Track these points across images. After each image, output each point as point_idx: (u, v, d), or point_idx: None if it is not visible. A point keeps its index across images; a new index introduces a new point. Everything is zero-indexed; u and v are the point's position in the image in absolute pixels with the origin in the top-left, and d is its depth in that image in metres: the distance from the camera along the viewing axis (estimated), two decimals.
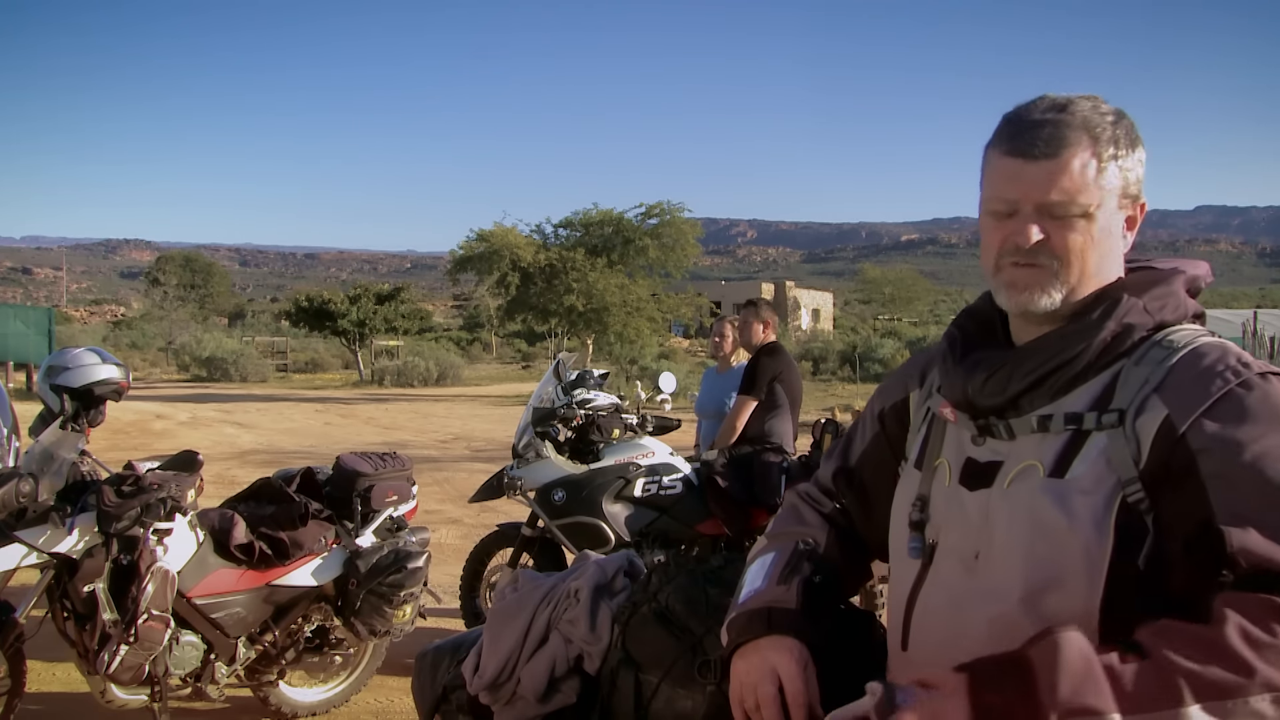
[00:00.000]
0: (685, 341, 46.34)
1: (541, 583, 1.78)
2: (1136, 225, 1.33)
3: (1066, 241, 1.27)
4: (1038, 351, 1.29)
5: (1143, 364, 1.24)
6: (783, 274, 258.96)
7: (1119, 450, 1.20)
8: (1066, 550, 1.20)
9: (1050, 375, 1.27)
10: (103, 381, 3.38)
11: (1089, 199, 1.26)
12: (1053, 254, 1.28)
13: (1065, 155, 1.25)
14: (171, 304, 55.56)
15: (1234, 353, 1.22)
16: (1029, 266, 1.29)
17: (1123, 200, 1.29)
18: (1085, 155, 1.26)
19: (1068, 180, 1.26)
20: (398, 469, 4.19)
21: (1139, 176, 1.30)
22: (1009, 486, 1.27)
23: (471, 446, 14.12)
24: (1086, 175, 1.26)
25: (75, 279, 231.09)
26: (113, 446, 12.49)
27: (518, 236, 27.04)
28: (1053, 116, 1.27)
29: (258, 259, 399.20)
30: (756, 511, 4.73)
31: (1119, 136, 1.27)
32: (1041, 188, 1.26)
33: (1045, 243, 1.27)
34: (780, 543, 1.53)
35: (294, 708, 4.03)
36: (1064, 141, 1.26)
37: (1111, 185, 1.27)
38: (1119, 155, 1.27)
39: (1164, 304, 1.29)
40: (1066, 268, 1.28)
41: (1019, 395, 1.29)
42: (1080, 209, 1.26)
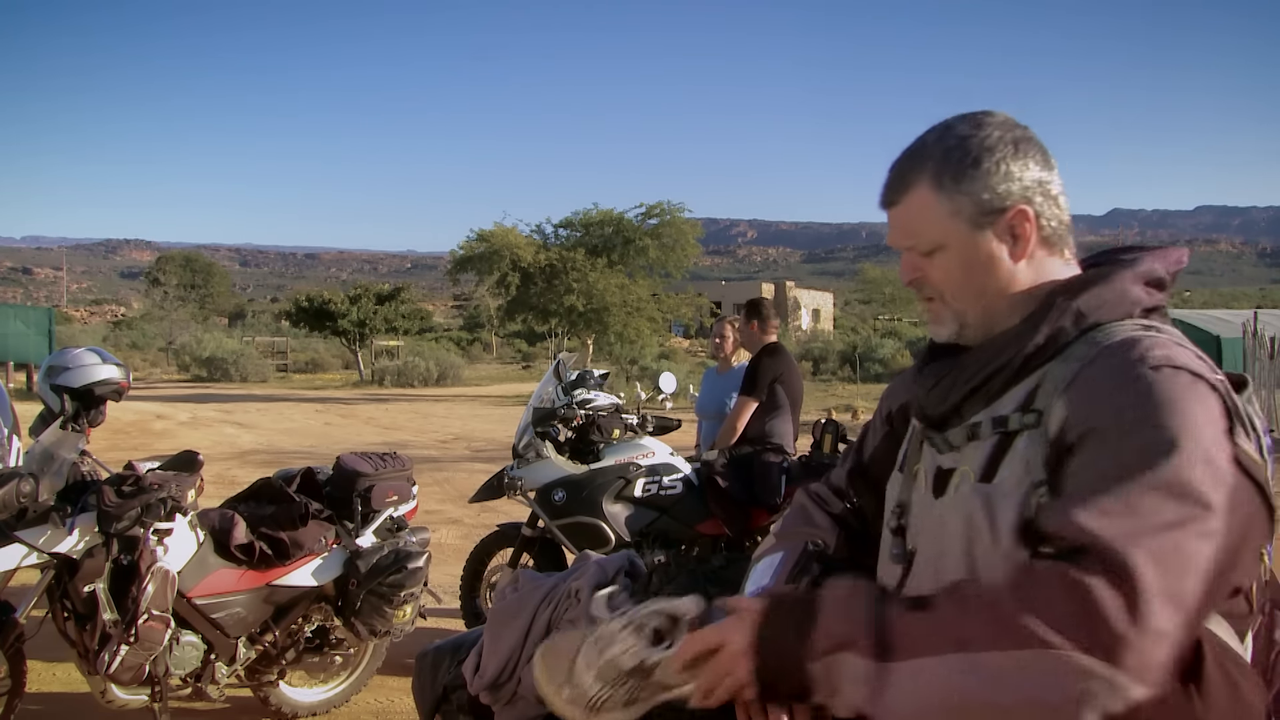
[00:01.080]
0: (685, 341, 46.34)
1: (542, 583, 1.78)
2: (1029, 230, 1.30)
3: (935, 276, 1.34)
4: (973, 361, 1.32)
5: (1065, 362, 1.23)
6: (783, 274, 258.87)
7: (1034, 451, 1.21)
8: (993, 555, 1.20)
9: (985, 383, 1.29)
10: (103, 381, 3.38)
11: (935, 235, 1.31)
12: (931, 287, 1.34)
13: (903, 199, 1.34)
14: (172, 304, 55.58)
15: (1143, 345, 1.18)
16: (926, 300, 1.37)
17: (982, 219, 1.30)
18: (921, 193, 1.31)
19: (908, 223, 1.33)
20: (398, 469, 4.19)
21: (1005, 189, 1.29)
22: (954, 494, 1.29)
23: (472, 447, 14.12)
24: (926, 213, 1.31)
25: (75, 279, 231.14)
26: (113, 446, 12.49)
27: (518, 236, 27.05)
28: (896, 163, 1.35)
29: (258, 259, 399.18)
30: (757, 512, 4.73)
31: (956, 160, 1.29)
32: (895, 234, 1.36)
33: (924, 279, 1.34)
34: (789, 542, 1.53)
35: (294, 708, 4.03)
36: (900, 186, 1.33)
37: (959, 211, 1.29)
38: (961, 180, 1.29)
39: (1100, 304, 1.27)
40: (948, 299, 1.34)
41: (960, 403, 1.32)
42: (931, 245, 1.32)
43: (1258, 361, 15.12)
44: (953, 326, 1.34)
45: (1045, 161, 1.32)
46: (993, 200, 1.29)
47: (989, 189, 1.28)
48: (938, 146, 1.31)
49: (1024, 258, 1.31)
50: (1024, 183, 1.29)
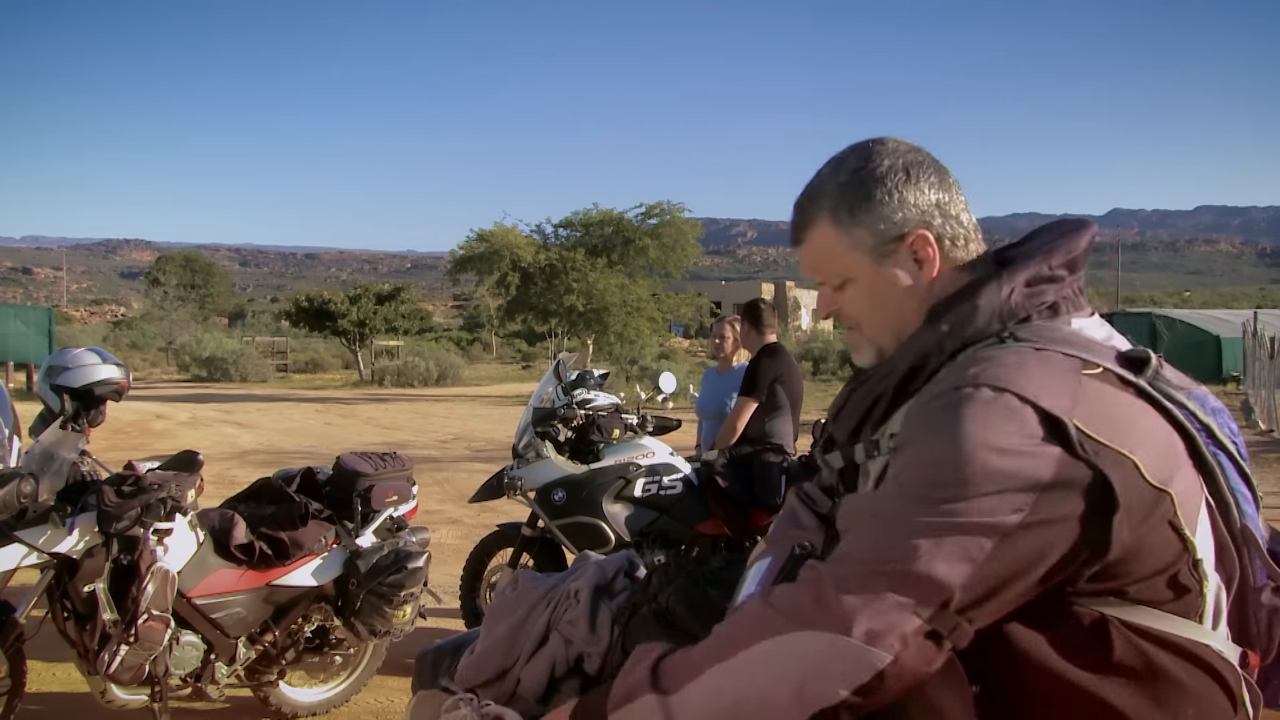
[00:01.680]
0: (685, 341, 46.34)
1: (541, 583, 1.78)
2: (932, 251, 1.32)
3: (848, 307, 1.39)
4: (861, 390, 1.37)
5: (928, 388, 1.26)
6: (783, 274, 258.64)
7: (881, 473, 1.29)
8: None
9: (870, 410, 1.34)
10: (103, 381, 3.38)
11: (840, 269, 1.36)
12: (848, 318, 1.40)
13: (807, 237, 1.38)
14: (172, 304, 55.60)
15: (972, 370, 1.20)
16: (849, 330, 1.43)
17: (883, 248, 1.33)
18: (822, 229, 1.35)
19: (815, 259, 1.38)
20: (398, 469, 4.19)
21: (900, 216, 1.31)
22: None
23: (471, 446, 14.12)
24: (829, 249, 1.35)
25: (75, 279, 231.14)
26: (113, 446, 12.49)
27: (518, 236, 27.05)
28: (797, 201, 1.39)
29: (258, 259, 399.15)
30: (756, 512, 4.73)
31: (851, 193, 1.32)
32: (805, 270, 1.42)
33: (839, 311, 1.40)
34: (777, 547, 1.53)
35: (294, 708, 4.03)
36: (802, 224, 1.38)
37: (859, 244, 1.33)
38: (856, 211, 1.32)
39: (966, 320, 1.28)
40: (864, 329, 1.40)
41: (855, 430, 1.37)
42: (839, 279, 1.37)
43: (1257, 361, 15.13)
44: (871, 353, 1.39)
45: (941, 182, 1.34)
46: (889, 229, 1.32)
47: (884, 219, 1.32)
48: (831, 182, 1.34)
49: (931, 277, 1.33)
50: (920, 207, 1.32)
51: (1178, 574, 1.19)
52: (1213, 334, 23.09)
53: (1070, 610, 1.17)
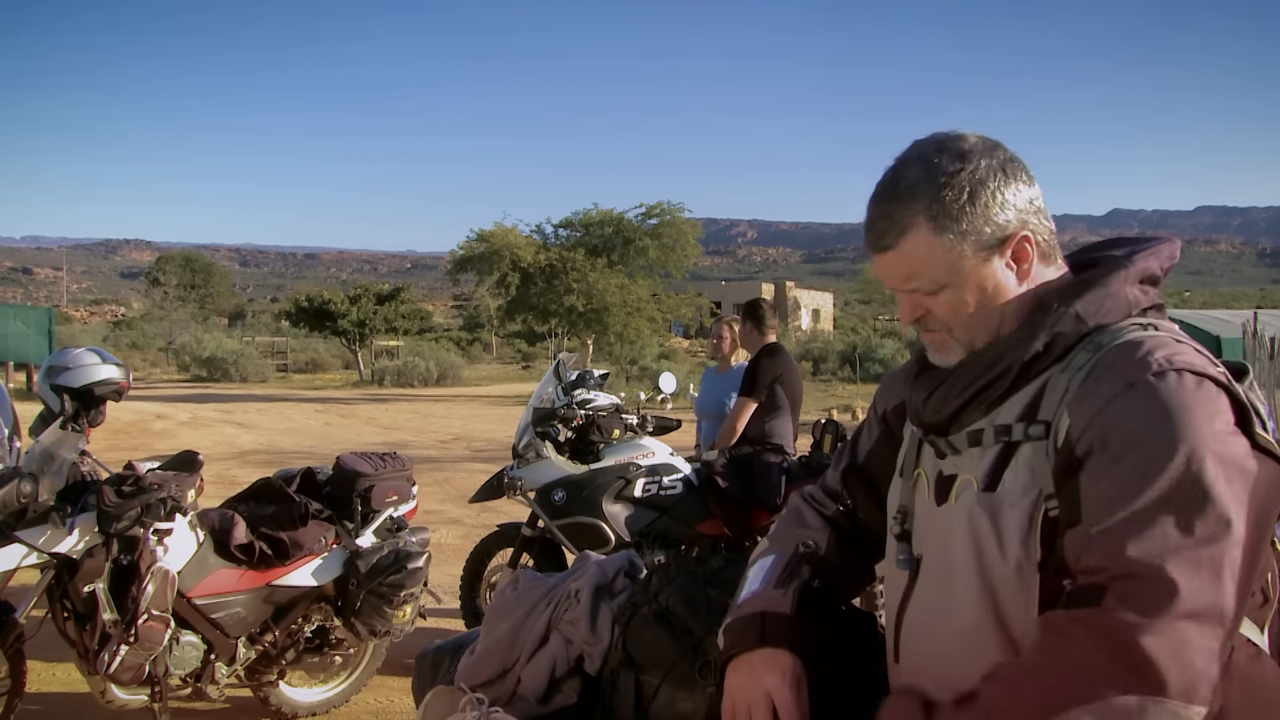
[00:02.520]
0: (685, 342, 46.33)
1: (541, 583, 1.78)
2: (1031, 253, 1.29)
3: (941, 310, 1.30)
4: (970, 368, 1.30)
5: (1067, 370, 1.22)
6: (783, 274, 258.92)
7: (1040, 461, 1.19)
8: (1002, 566, 1.20)
9: (983, 390, 1.27)
10: (103, 381, 3.38)
11: (937, 275, 1.27)
12: (938, 320, 1.31)
13: (899, 245, 1.28)
14: (172, 304, 55.57)
15: (1144, 349, 1.17)
16: (930, 333, 1.34)
17: (982, 251, 1.26)
18: (919, 236, 1.26)
19: (909, 267, 1.28)
20: (398, 469, 4.19)
21: (1003, 218, 1.26)
22: (956, 502, 1.28)
23: (471, 447, 14.12)
24: (928, 256, 1.27)
25: (75, 279, 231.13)
26: (113, 446, 12.49)
27: (518, 237, 27.05)
28: (881, 208, 1.29)
29: (258, 259, 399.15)
30: (756, 512, 4.73)
31: (951, 199, 1.25)
32: (893, 279, 1.32)
33: (928, 315, 1.31)
34: (780, 545, 1.53)
35: (294, 708, 4.03)
36: (893, 231, 1.28)
37: (959, 248, 1.26)
38: (961, 218, 1.25)
39: (1100, 306, 1.25)
40: (955, 329, 1.31)
41: (958, 411, 1.30)
42: (933, 285, 1.28)
43: (1258, 362, 15.15)
44: (959, 354, 1.32)
45: (1030, 178, 1.30)
46: (995, 233, 1.26)
47: (990, 222, 1.25)
48: (927, 186, 1.25)
49: (1025, 279, 1.29)
50: (1019, 207, 1.27)
51: (1267, 580, 1.20)
52: (1213, 334, 23.07)
53: None
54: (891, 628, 1.39)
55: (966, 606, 1.23)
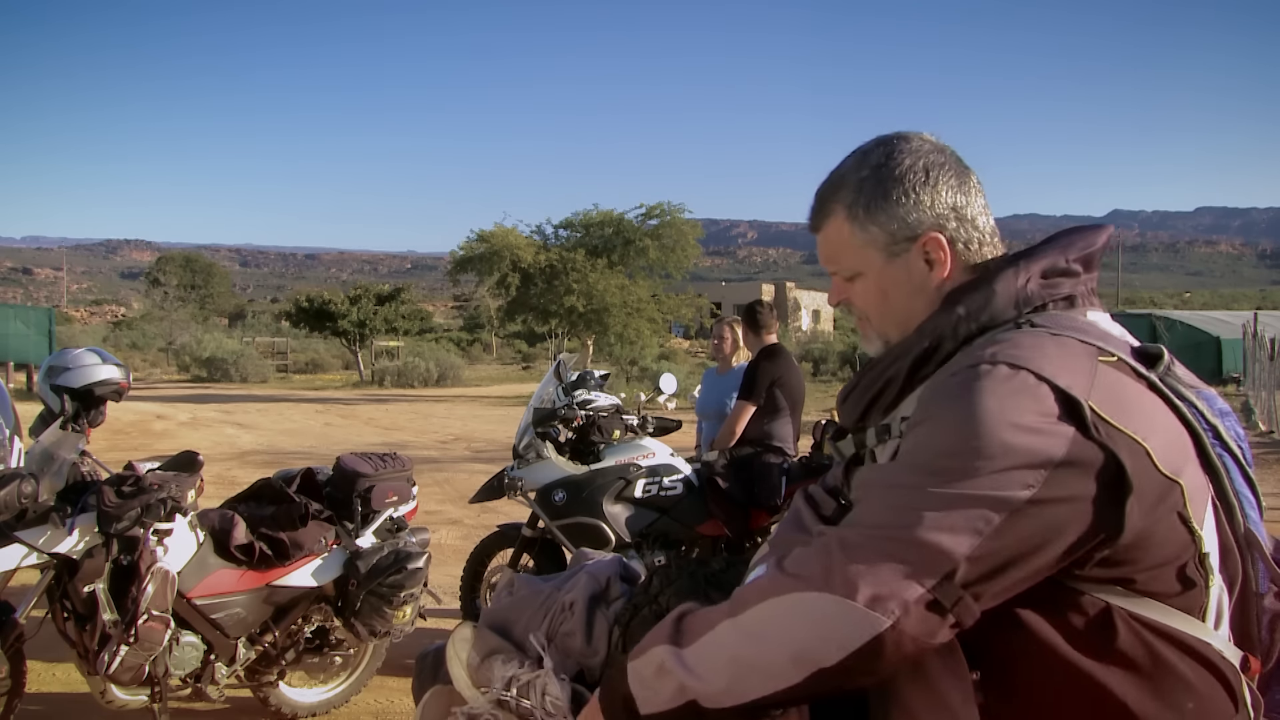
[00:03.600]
0: (685, 342, 46.33)
1: (538, 588, 1.77)
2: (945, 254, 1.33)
3: (858, 299, 1.41)
4: (867, 373, 1.39)
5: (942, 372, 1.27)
6: (783, 275, 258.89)
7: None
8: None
9: (880, 394, 1.35)
10: (103, 382, 3.38)
11: (852, 263, 1.38)
12: (858, 308, 1.42)
13: (824, 226, 1.40)
14: (172, 304, 55.60)
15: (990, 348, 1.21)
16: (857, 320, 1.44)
17: (893, 246, 1.34)
18: (838, 222, 1.37)
19: (829, 250, 1.41)
20: (398, 470, 4.19)
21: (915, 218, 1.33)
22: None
23: (472, 447, 14.12)
24: (844, 240, 1.37)
25: (76, 279, 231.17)
26: (113, 447, 12.49)
27: (518, 237, 27.04)
28: (819, 189, 1.40)
29: (258, 259, 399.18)
30: (757, 513, 4.73)
31: (867, 192, 1.33)
32: (823, 259, 1.43)
33: (849, 302, 1.41)
34: (779, 549, 1.53)
35: (294, 708, 4.02)
36: (821, 213, 1.39)
37: (872, 241, 1.35)
38: (872, 209, 1.33)
39: (983, 306, 1.29)
40: (871, 319, 1.41)
41: (863, 414, 1.39)
42: (850, 272, 1.39)
43: (1257, 363, 15.13)
44: (878, 345, 1.40)
45: (961, 185, 1.35)
46: (901, 230, 1.33)
47: (897, 219, 1.33)
48: (853, 175, 1.35)
49: (945, 279, 1.34)
50: (936, 210, 1.33)
51: (1184, 566, 1.19)
52: (1213, 335, 23.09)
53: (1077, 598, 1.17)
54: None
55: None
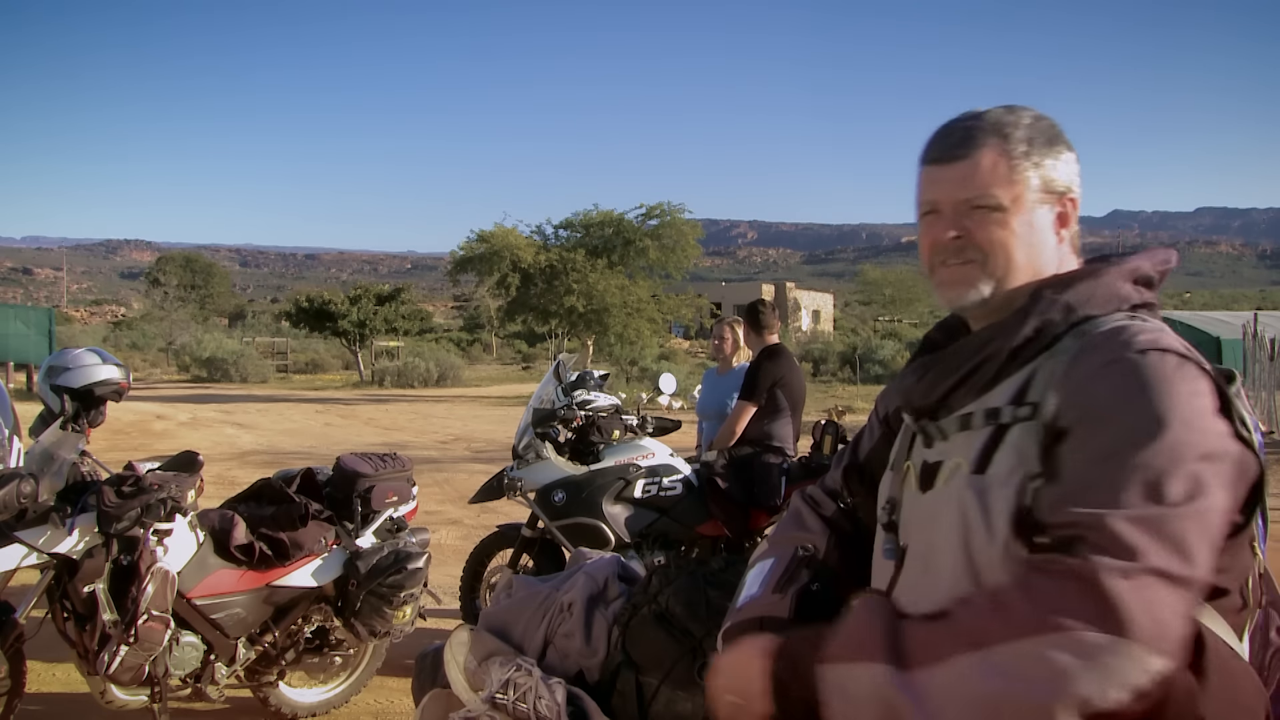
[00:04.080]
0: (686, 343, 46.33)
1: (536, 589, 1.77)
2: (1070, 221, 1.36)
3: (987, 234, 1.33)
4: (959, 351, 1.34)
5: (1056, 356, 1.26)
6: (783, 275, 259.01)
7: (1027, 442, 1.22)
8: (988, 547, 1.21)
9: (972, 374, 1.31)
10: (103, 382, 3.38)
11: (1001, 193, 1.32)
12: (977, 248, 1.33)
13: (974, 155, 1.33)
14: (172, 304, 55.55)
15: (1129, 332, 1.22)
16: (958, 265, 1.35)
17: (1043, 195, 1.33)
18: (994, 153, 1.32)
19: (977, 177, 1.32)
20: (398, 470, 4.19)
21: (1063, 175, 1.34)
22: (944, 486, 1.30)
23: (472, 447, 14.12)
24: (997, 171, 1.32)
25: (76, 279, 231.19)
26: (113, 447, 12.49)
27: (518, 237, 27.04)
28: (962, 124, 1.36)
29: (258, 259, 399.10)
30: (756, 513, 4.73)
31: (1032, 136, 1.33)
32: (955, 187, 1.34)
33: (968, 238, 1.33)
34: (780, 548, 1.53)
35: (294, 708, 4.02)
36: (972, 143, 1.33)
37: (1026, 180, 1.32)
38: (1032, 153, 1.32)
39: (1088, 297, 1.29)
40: (991, 260, 1.33)
41: (946, 395, 1.33)
42: (993, 202, 1.32)
43: (1258, 363, 15.13)
44: (984, 291, 1.33)
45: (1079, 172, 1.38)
46: (1055, 181, 1.34)
47: (1055, 169, 1.33)
48: (1010, 118, 1.34)
49: (1059, 245, 1.35)
50: (1073, 178, 1.35)
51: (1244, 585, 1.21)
52: (1213, 335, 23.08)
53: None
54: None
55: (946, 592, 1.24)
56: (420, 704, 1.71)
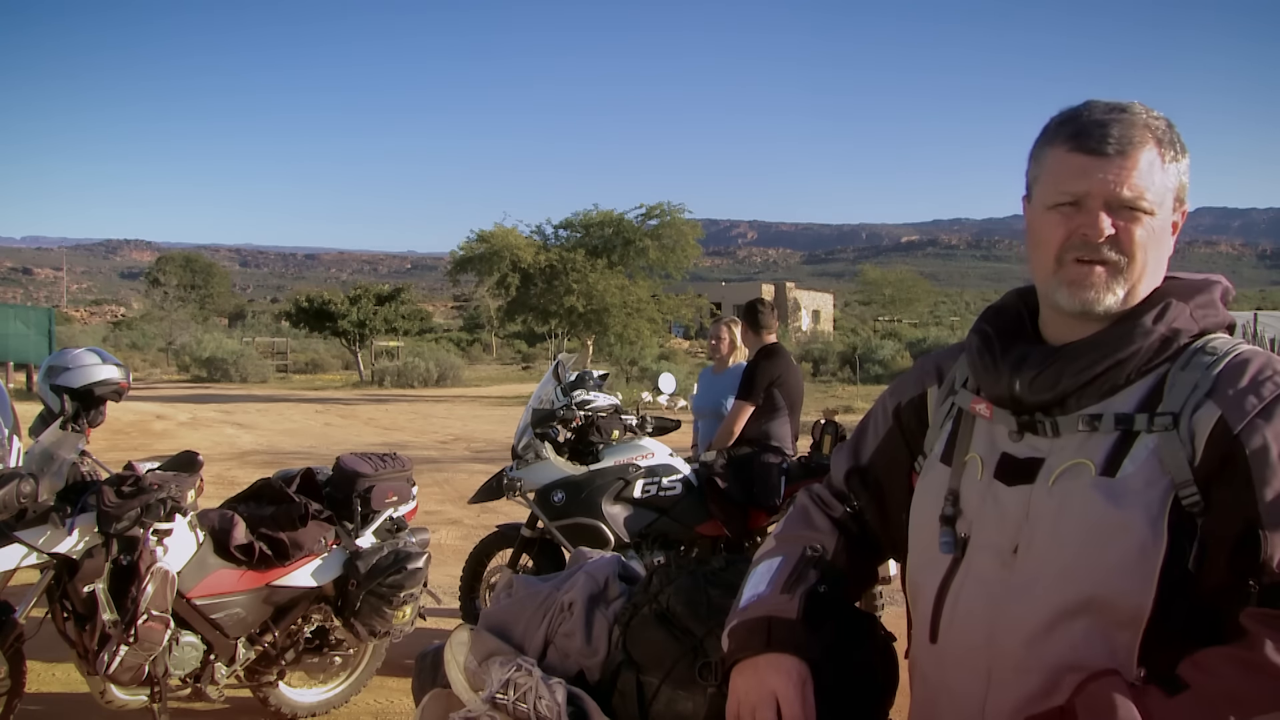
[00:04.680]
0: (685, 343, 46.34)
1: (537, 589, 1.77)
2: (1178, 230, 1.35)
3: (1134, 237, 1.29)
4: (1090, 350, 1.30)
5: (1189, 369, 1.25)
6: (783, 275, 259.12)
7: (1172, 452, 1.21)
8: (1120, 549, 1.20)
9: (1101, 375, 1.28)
10: (103, 382, 3.38)
11: (1155, 197, 1.29)
12: (1120, 249, 1.29)
13: (1136, 153, 1.28)
14: (172, 304, 55.56)
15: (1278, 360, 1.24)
16: (1095, 263, 1.30)
17: (1175, 203, 1.33)
18: (1151, 154, 1.29)
19: (1138, 177, 1.28)
20: (398, 470, 4.19)
21: (1185, 181, 1.33)
22: (1054, 484, 1.28)
23: (471, 447, 14.12)
24: (1153, 174, 1.29)
25: (75, 279, 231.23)
26: (113, 447, 12.48)
27: (518, 237, 27.05)
28: (1117, 116, 1.30)
29: (258, 259, 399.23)
30: (755, 512, 4.73)
31: (1174, 139, 1.31)
32: (1113, 183, 1.28)
33: (1114, 238, 1.29)
34: (788, 547, 1.52)
35: (294, 708, 4.03)
36: (1133, 140, 1.28)
37: (1170, 186, 1.31)
38: (1177, 159, 1.31)
39: (1206, 311, 1.31)
40: (1131, 264, 1.30)
41: (1068, 394, 1.30)
42: (1147, 206, 1.29)
43: None
44: (1120, 295, 1.30)
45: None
46: (1181, 190, 1.33)
47: (1183, 177, 1.33)
48: (1155, 119, 1.31)
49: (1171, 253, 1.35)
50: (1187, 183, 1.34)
51: None
52: None
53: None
54: (928, 610, 1.38)
55: (1048, 588, 1.24)
56: (420, 704, 1.70)
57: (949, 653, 1.35)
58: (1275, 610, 1.10)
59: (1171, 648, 1.15)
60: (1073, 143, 1.30)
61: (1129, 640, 1.19)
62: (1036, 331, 1.40)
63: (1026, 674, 1.25)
